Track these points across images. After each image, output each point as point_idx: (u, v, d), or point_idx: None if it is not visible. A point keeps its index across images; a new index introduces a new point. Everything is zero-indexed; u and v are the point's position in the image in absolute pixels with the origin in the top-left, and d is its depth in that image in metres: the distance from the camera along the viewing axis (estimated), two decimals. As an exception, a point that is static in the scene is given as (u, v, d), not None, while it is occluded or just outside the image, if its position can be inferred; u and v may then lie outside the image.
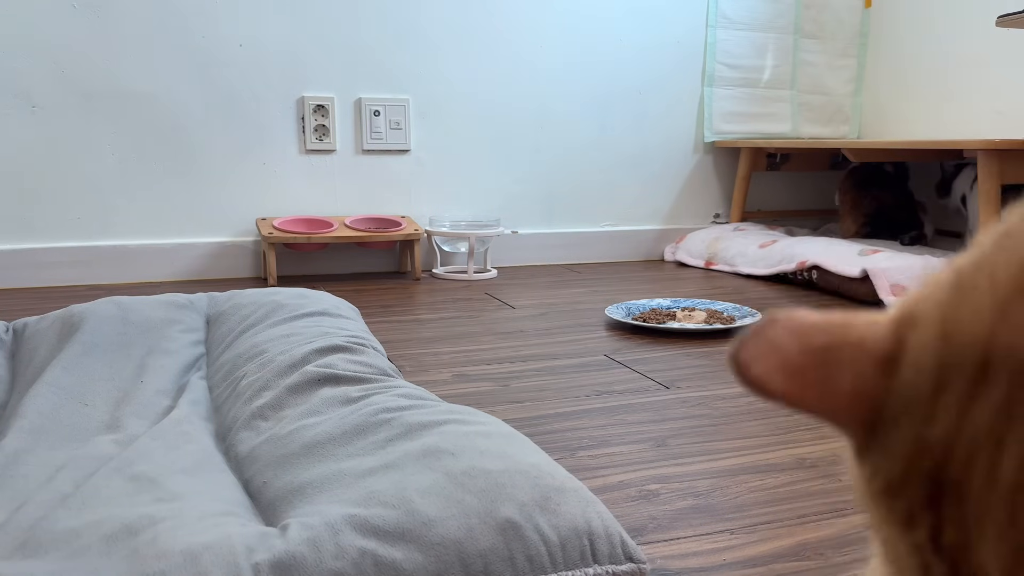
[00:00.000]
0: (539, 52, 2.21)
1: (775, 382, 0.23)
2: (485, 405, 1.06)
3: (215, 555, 0.53)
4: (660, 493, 0.80)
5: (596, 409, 1.05)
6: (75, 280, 1.92)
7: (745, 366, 0.23)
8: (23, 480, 0.69)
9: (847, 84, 2.54)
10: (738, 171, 2.43)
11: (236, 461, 0.76)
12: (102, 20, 1.85)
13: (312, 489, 0.65)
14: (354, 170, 2.10)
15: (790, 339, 0.23)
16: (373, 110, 2.07)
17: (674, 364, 1.26)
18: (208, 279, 2.01)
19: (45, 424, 0.81)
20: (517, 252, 2.29)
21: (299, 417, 0.78)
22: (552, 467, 0.65)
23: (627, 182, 2.37)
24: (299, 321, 1.06)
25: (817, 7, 2.45)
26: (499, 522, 0.58)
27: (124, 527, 0.57)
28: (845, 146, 1.99)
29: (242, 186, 2.01)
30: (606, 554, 0.59)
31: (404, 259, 2.15)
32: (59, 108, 1.85)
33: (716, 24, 2.36)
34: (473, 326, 1.52)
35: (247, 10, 1.94)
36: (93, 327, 1.02)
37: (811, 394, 0.23)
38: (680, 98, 2.38)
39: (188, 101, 1.94)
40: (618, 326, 1.52)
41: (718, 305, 1.60)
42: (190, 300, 1.20)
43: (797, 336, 0.23)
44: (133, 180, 1.93)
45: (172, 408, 0.87)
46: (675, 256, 2.35)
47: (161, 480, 0.66)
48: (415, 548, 0.55)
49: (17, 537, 0.58)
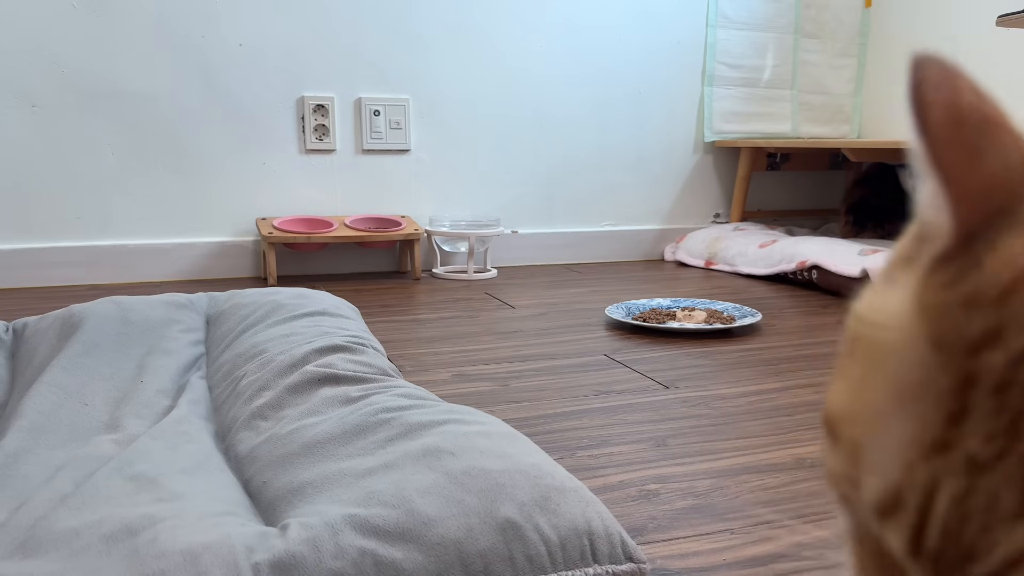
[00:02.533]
0: (539, 51, 2.21)
1: (934, 115, 0.21)
2: (485, 405, 1.06)
3: (215, 555, 0.53)
4: (660, 493, 0.80)
5: (596, 409, 1.05)
6: (75, 280, 1.92)
7: (918, 84, 0.21)
8: (23, 480, 0.69)
9: (847, 84, 2.54)
10: (738, 171, 2.43)
11: (236, 461, 0.76)
12: (102, 20, 1.85)
13: (312, 489, 0.65)
14: (354, 170, 2.10)
15: (969, 89, 0.21)
16: (373, 110, 2.07)
17: (674, 364, 1.26)
18: (208, 279, 2.00)
19: (45, 424, 0.81)
20: (517, 252, 2.29)
21: (299, 417, 0.78)
22: (552, 467, 0.65)
23: (627, 182, 2.37)
24: (299, 321, 1.06)
25: (817, 7, 2.45)
26: (499, 522, 0.58)
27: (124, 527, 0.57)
28: (845, 146, 1.99)
29: (242, 186, 2.01)
30: (606, 554, 0.59)
31: (404, 259, 2.15)
32: (59, 108, 1.85)
33: (716, 24, 2.36)
34: (473, 326, 1.52)
35: (247, 10, 1.94)
36: (93, 327, 1.02)
37: (953, 151, 0.21)
38: (680, 98, 2.38)
39: (188, 101, 1.94)
40: (618, 326, 1.52)
41: (718, 305, 1.60)
42: (190, 300, 1.20)
43: (974, 94, 0.21)
44: (133, 180, 1.93)
45: (172, 408, 0.87)
46: (675, 256, 2.35)
47: (161, 480, 0.66)
48: (415, 548, 0.55)
49: (17, 537, 0.58)
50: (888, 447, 0.20)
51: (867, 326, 0.22)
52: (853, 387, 0.22)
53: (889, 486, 0.21)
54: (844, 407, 0.22)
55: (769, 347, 1.37)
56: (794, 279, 1.95)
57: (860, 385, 0.22)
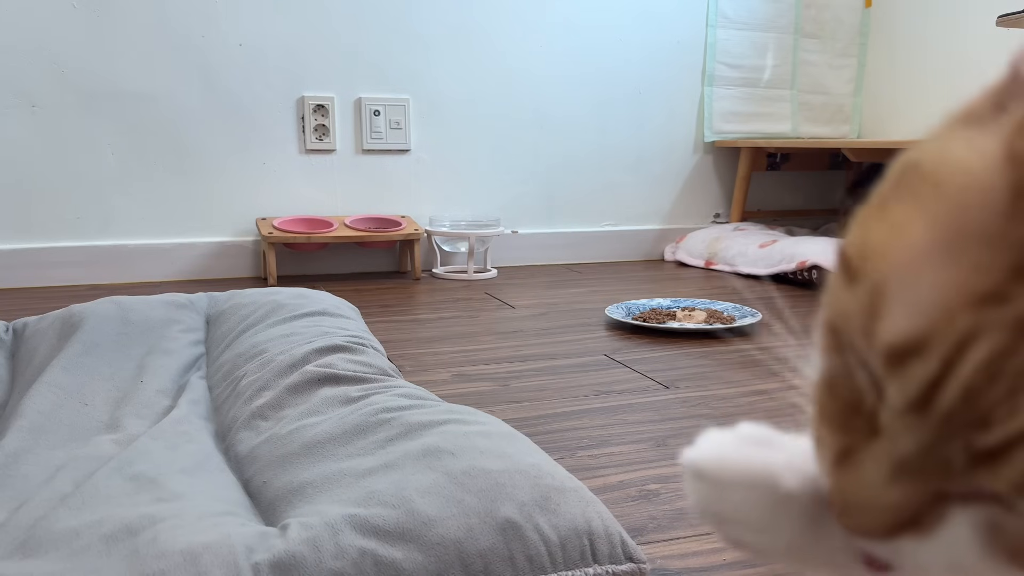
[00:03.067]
0: (539, 51, 2.21)
1: None
2: (485, 405, 1.06)
3: (215, 555, 0.53)
4: (660, 493, 0.80)
5: (596, 409, 1.05)
6: (75, 280, 1.92)
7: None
8: (23, 480, 0.69)
9: (847, 84, 2.54)
10: (738, 171, 2.43)
11: (236, 461, 0.76)
12: (102, 20, 1.85)
13: (312, 489, 0.65)
14: (354, 170, 2.10)
15: None
16: (373, 110, 2.07)
17: (674, 364, 1.26)
18: (208, 279, 2.00)
19: (45, 424, 0.81)
20: (517, 252, 2.29)
21: (299, 417, 0.78)
22: (552, 467, 0.65)
23: (627, 182, 2.37)
24: (299, 321, 1.06)
25: (817, 7, 2.45)
26: (499, 522, 0.58)
27: (124, 527, 0.57)
28: (845, 146, 1.99)
29: (242, 186, 2.01)
30: (606, 554, 0.59)
31: (404, 259, 2.15)
32: (59, 108, 1.85)
33: (716, 24, 2.36)
34: (473, 326, 1.52)
35: (247, 10, 1.94)
36: (93, 327, 1.02)
37: None
38: (680, 98, 2.38)
39: (188, 101, 1.94)
40: (618, 326, 1.52)
41: (718, 305, 1.60)
42: (190, 300, 1.20)
43: None
44: (133, 180, 1.93)
45: (172, 408, 0.87)
46: (675, 256, 2.35)
47: (161, 480, 0.66)
48: (415, 548, 0.55)
49: (17, 537, 0.58)
50: (927, 289, 0.19)
51: (926, 170, 0.21)
52: (892, 227, 0.21)
53: (915, 330, 0.19)
54: (875, 244, 0.21)
55: (769, 347, 1.37)
56: (794, 279, 1.95)
57: (902, 225, 0.21)
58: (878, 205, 0.22)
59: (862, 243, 0.22)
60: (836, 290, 0.22)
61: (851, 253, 0.22)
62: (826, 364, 0.23)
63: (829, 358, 0.23)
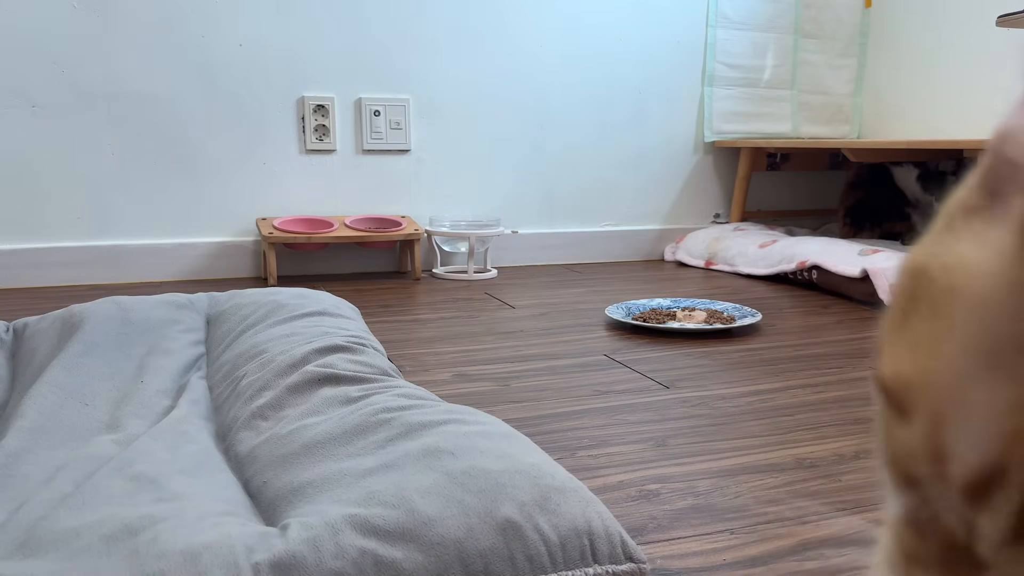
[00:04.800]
0: (539, 51, 2.21)
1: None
2: (485, 405, 1.06)
3: (215, 555, 0.53)
4: (660, 493, 0.80)
5: (596, 409, 1.05)
6: (75, 280, 1.92)
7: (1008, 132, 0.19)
8: (23, 480, 0.69)
9: (847, 84, 2.54)
10: (738, 171, 2.43)
11: (236, 461, 0.76)
12: (102, 20, 1.85)
13: (312, 489, 0.65)
14: (354, 170, 2.10)
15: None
16: (373, 110, 2.07)
17: (674, 364, 1.26)
18: (208, 279, 2.01)
19: (45, 424, 0.81)
20: (517, 252, 2.29)
21: (299, 417, 0.78)
22: (552, 467, 0.65)
23: (627, 182, 2.37)
24: (299, 321, 1.06)
25: (817, 7, 2.45)
26: (499, 522, 0.58)
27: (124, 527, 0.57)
28: (845, 146, 1.99)
29: (242, 186, 2.01)
30: (606, 554, 0.59)
31: (404, 259, 2.16)
32: (59, 108, 1.85)
33: (716, 24, 2.36)
34: (473, 326, 1.52)
35: (247, 10, 1.94)
36: (93, 327, 1.02)
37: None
38: (680, 98, 2.38)
39: (188, 101, 1.94)
40: (618, 326, 1.52)
41: (718, 305, 1.60)
42: (190, 300, 1.20)
43: None
44: (133, 180, 1.93)
45: (172, 408, 0.87)
46: (675, 256, 2.35)
47: (161, 480, 0.66)
48: (415, 548, 0.55)
49: (17, 537, 0.58)
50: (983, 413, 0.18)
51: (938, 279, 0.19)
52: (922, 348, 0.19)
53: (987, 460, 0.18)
54: (915, 373, 0.20)
55: (769, 347, 1.37)
56: (794, 279, 1.95)
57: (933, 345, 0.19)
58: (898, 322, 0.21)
59: (898, 371, 0.20)
60: (890, 428, 0.21)
61: (892, 385, 0.21)
62: (903, 503, 0.22)
63: (904, 497, 0.21)
